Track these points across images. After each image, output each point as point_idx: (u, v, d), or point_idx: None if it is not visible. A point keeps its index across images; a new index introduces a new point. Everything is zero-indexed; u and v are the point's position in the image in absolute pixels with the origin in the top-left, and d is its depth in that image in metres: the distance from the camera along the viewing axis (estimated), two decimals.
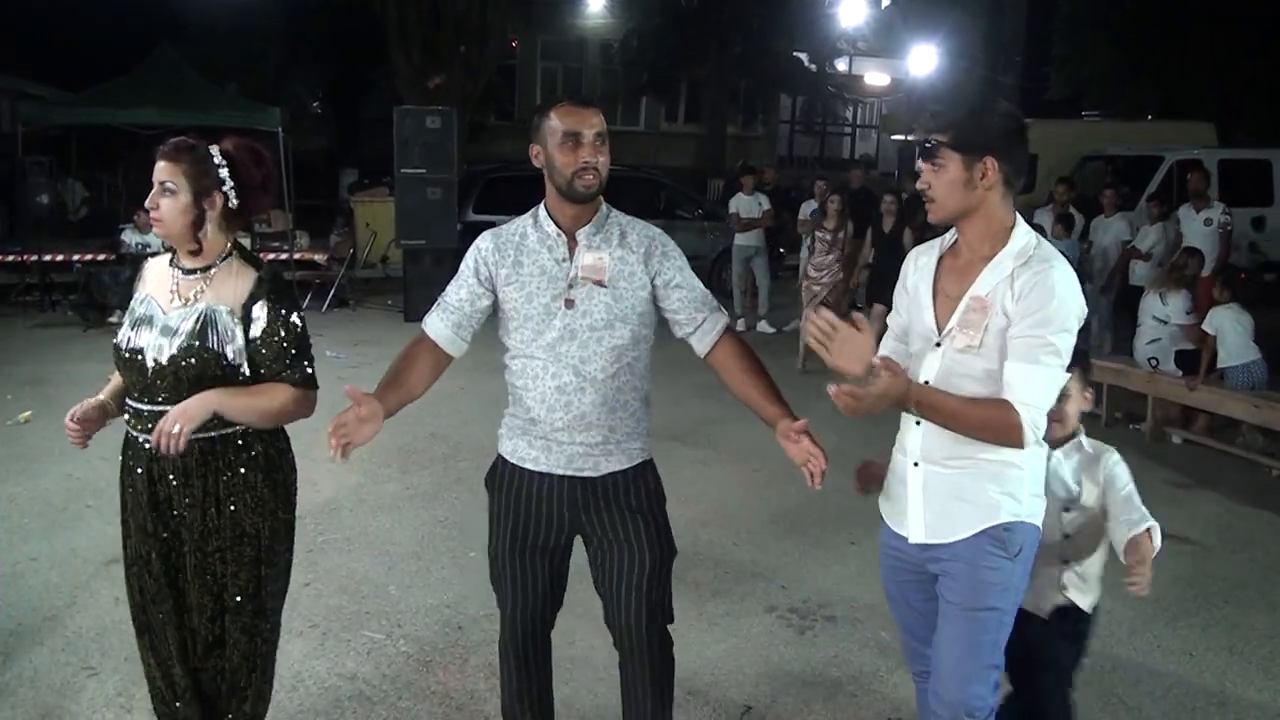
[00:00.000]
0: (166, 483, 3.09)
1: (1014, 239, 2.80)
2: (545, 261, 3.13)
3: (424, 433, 7.90)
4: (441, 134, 13.04)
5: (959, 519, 2.85)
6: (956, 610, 2.87)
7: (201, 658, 3.21)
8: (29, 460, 6.62)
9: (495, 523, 3.28)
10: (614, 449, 3.18)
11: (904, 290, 3.06)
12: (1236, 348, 7.92)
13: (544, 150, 3.09)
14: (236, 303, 3.07)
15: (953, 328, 2.82)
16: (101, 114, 14.02)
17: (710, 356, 3.26)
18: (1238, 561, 6.00)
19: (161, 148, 3.06)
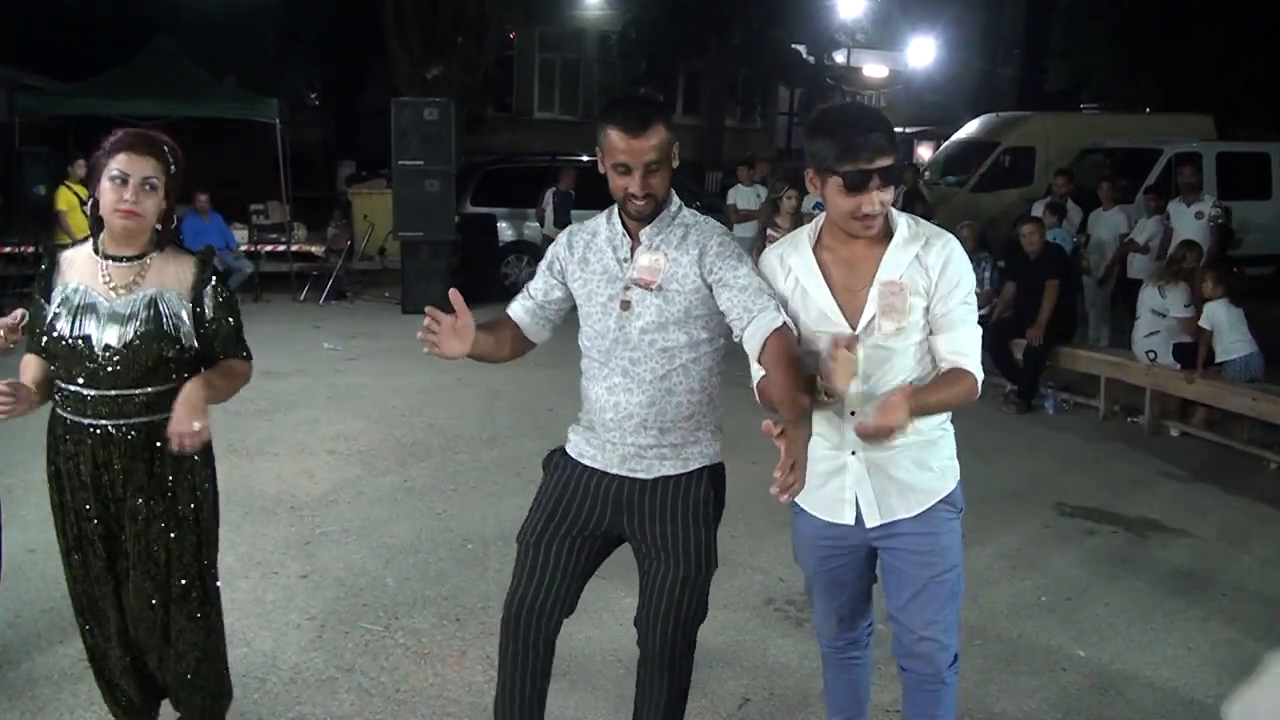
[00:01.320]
0: (111, 468, 3.13)
1: (897, 223, 2.94)
2: (609, 261, 3.15)
3: (422, 425, 7.89)
4: (439, 126, 13.01)
5: (914, 494, 3.01)
6: (923, 581, 3.04)
7: (144, 640, 3.26)
8: (26, 452, 6.60)
9: (538, 503, 3.27)
10: (668, 452, 3.16)
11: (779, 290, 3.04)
12: (1233, 341, 7.93)
13: (602, 162, 3.07)
14: (184, 286, 3.14)
15: (874, 316, 2.90)
16: (99, 105, 13.97)
17: (761, 356, 2.97)
18: (1236, 555, 6.00)
19: (133, 141, 3.05)
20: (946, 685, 3.13)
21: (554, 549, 3.17)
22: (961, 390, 2.88)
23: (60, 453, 3.18)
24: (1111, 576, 5.59)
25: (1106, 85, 24.60)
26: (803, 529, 3.22)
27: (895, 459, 2.97)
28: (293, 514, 6.03)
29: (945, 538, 3.03)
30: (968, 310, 2.93)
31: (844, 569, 3.19)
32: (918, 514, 3.01)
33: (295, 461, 6.98)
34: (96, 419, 3.09)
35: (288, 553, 5.49)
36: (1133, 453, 7.91)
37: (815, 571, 3.25)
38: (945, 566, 3.03)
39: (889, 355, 2.92)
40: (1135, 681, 4.48)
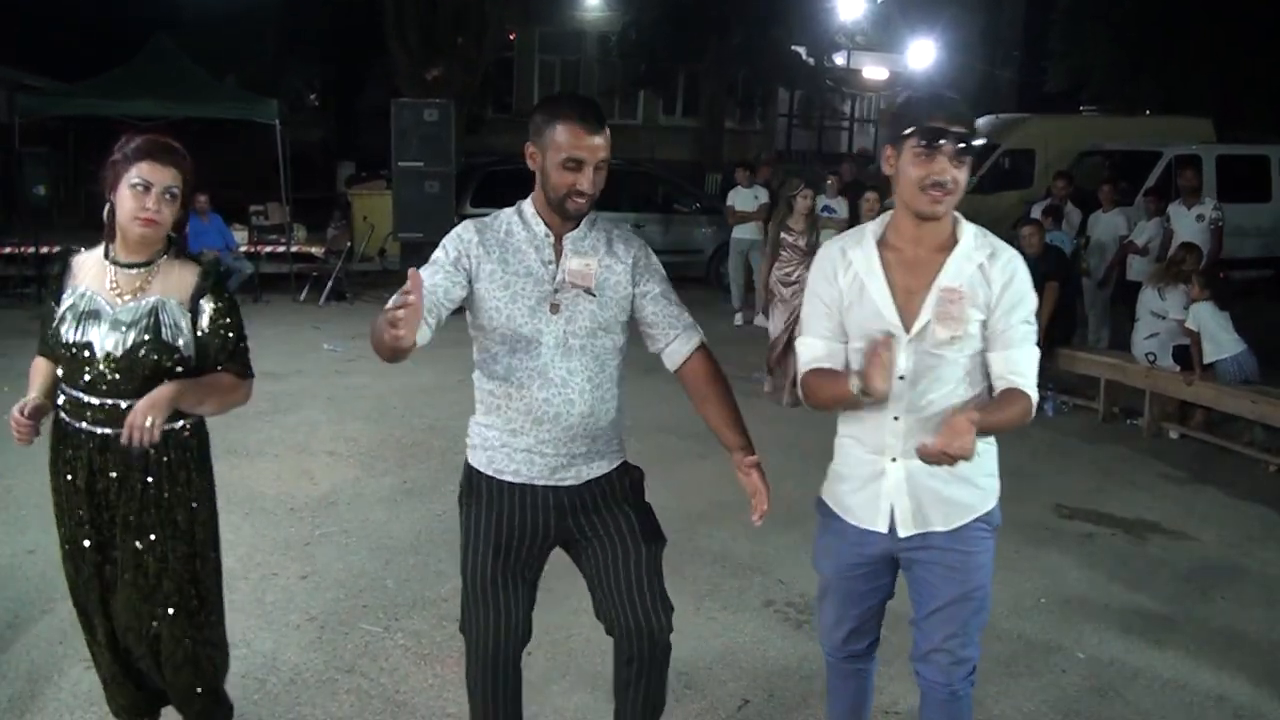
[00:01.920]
0: (106, 475, 3.13)
1: (964, 231, 2.89)
2: (532, 262, 3.02)
3: (421, 426, 7.90)
4: (439, 126, 13.01)
5: (953, 508, 2.93)
6: (951, 598, 2.97)
7: (133, 649, 3.27)
8: (26, 453, 6.57)
9: (474, 542, 3.13)
10: (595, 457, 3.14)
11: (833, 285, 2.98)
12: (1221, 341, 7.94)
13: (541, 159, 2.98)
14: (184, 295, 3.14)
15: (929, 321, 2.83)
16: (98, 105, 13.97)
17: (681, 371, 3.19)
18: (1235, 556, 6.01)
19: (156, 149, 3.04)
20: (959, 698, 3.06)
21: (507, 581, 3.10)
22: (1018, 412, 2.81)
23: (61, 456, 3.19)
24: (1111, 578, 5.60)
25: (1106, 87, 24.59)
26: (828, 533, 3.16)
27: (937, 470, 2.83)
28: (292, 515, 6.03)
29: (979, 556, 2.97)
30: (1028, 330, 2.86)
31: (865, 578, 3.12)
32: (953, 529, 2.93)
33: (295, 462, 6.98)
34: (95, 425, 3.10)
35: (287, 554, 5.49)
36: (1132, 455, 7.91)
37: (834, 578, 3.18)
38: (975, 585, 2.97)
39: (938, 363, 2.85)
40: (1135, 683, 4.48)
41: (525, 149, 3.04)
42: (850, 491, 3.06)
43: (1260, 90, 22.65)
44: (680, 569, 5.41)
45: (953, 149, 2.72)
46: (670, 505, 6.20)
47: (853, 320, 2.95)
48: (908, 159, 2.78)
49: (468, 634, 3.15)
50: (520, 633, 3.13)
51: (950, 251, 2.86)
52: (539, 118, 3.01)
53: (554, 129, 2.94)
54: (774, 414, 8.48)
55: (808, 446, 7.57)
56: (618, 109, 28.19)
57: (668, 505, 6.07)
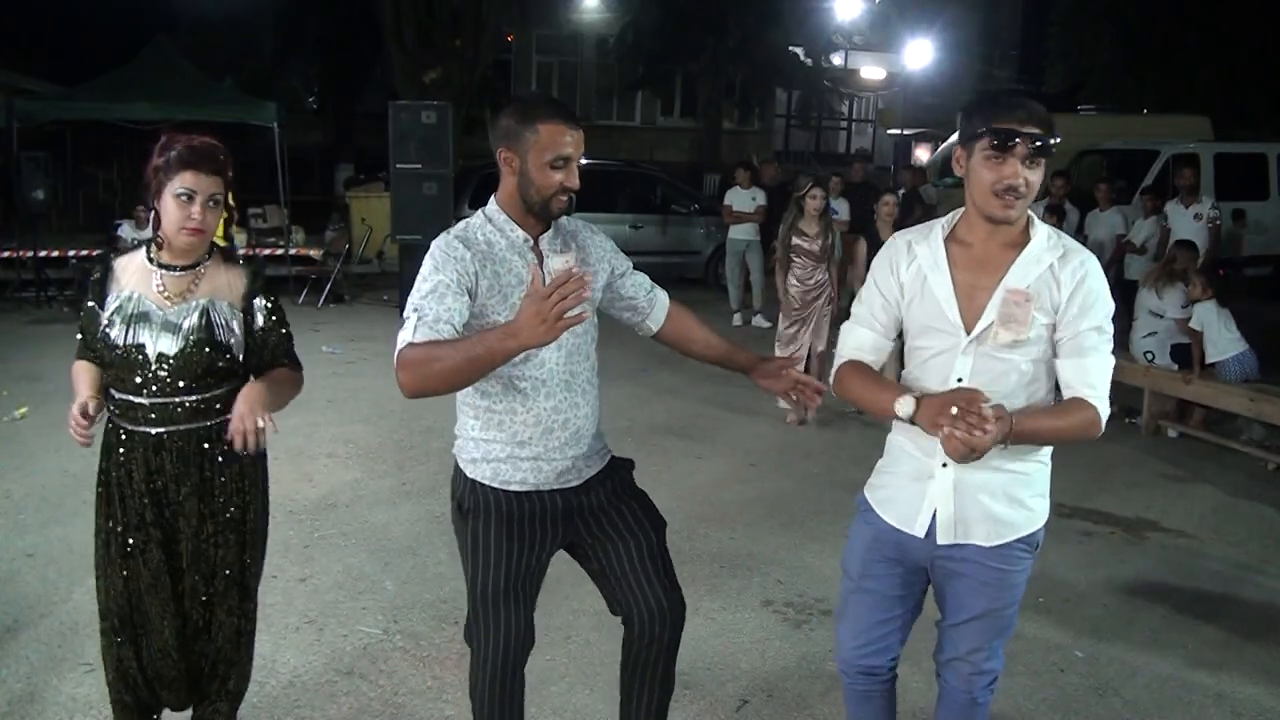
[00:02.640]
0: (165, 473, 3.17)
1: (1037, 230, 2.80)
2: (520, 270, 2.96)
3: (420, 428, 7.89)
4: (437, 129, 12.99)
5: (997, 524, 2.84)
6: (980, 611, 2.91)
7: (192, 642, 3.30)
8: (25, 456, 6.62)
9: (482, 556, 3.05)
10: (593, 455, 3.16)
11: (893, 279, 2.91)
12: (1224, 341, 7.95)
13: (519, 161, 2.91)
14: (235, 296, 3.20)
15: (992, 322, 2.74)
16: (96, 109, 13.97)
17: (665, 329, 3.30)
18: (1233, 554, 6.01)
19: (198, 157, 3.03)
20: (978, 705, 3.02)
21: (518, 595, 3.06)
22: (1079, 422, 2.72)
23: (113, 461, 3.21)
24: (1109, 577, 5.60)
25: (1104, 86, 24.62)
26: (864, 530, 3.04)
27: (988, 482, 2.79)
28: (291, 517, 6.03)
29: (1015, 575, 2.88)
30: (1101, 338, 2.76)
31: (892, 582, 3.00)
32: (993, 546, 2.84)
33: (294, 465, 6.97)
34: (149, 426, 3.13)
35: (286, 556, 5.49)
36: (1131, 453, 7.91)
37: (860, 578, 3.05)
38: (1006, 602, 2.90)
39: (999, 366, 2.75)
40: (1133, 682, 4.49)
41: (497, 154, 2.96)
42: (894, 490, 2.97)
43: (1258, 88, 22.67)
44: (678, 569, 5.38)
45: (1026, 151, 2.65)
46: (669, 505, 6.20)
47: (914, 315, 2.88)
48: (979, 161, 2.70)
49: (475, 645, 3.10)
50: (528, 642, 3.12)
51: (1020, 251, 2.77)
52: (509, 121, 2.94)
53: (534, 130, 2.88)
54: (776, 417, 8.48)
55: (809, 447, 7.59)
56: (615, 110, 28.26)
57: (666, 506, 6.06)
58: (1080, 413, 2.72)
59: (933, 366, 2.84)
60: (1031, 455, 2.83)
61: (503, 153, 2.95)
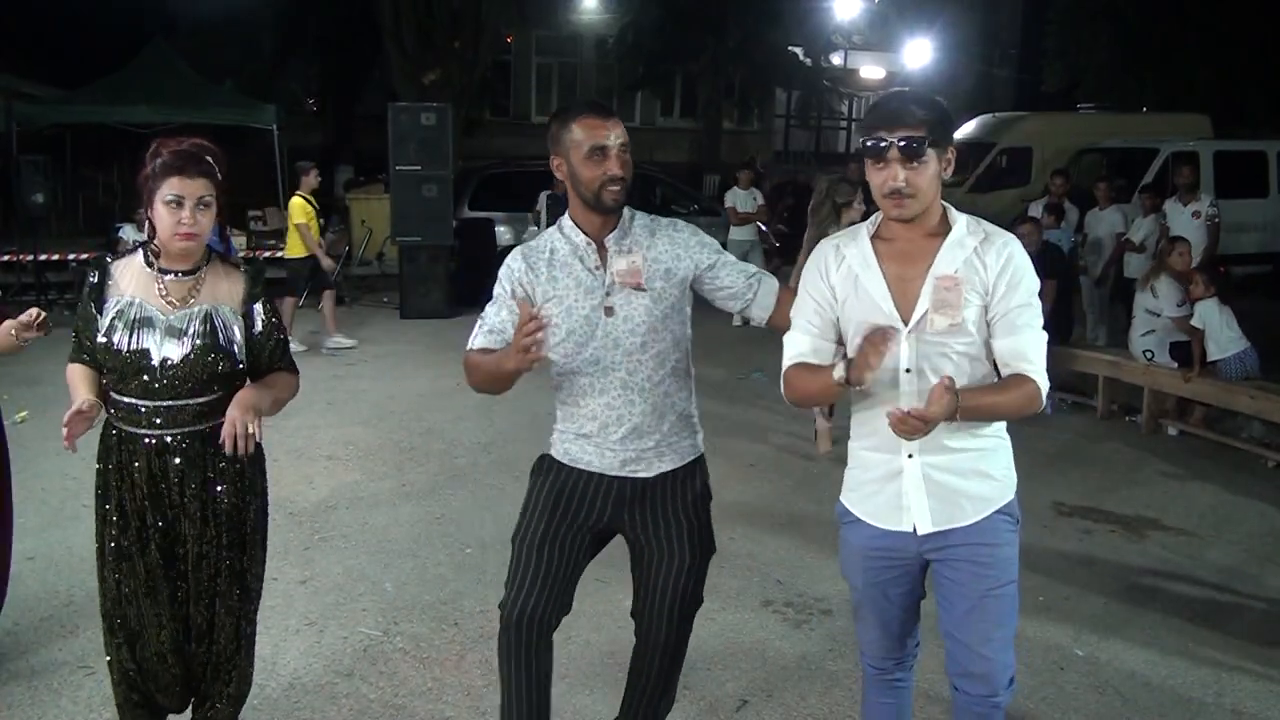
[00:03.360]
0: (169, 476, 3.18)
1: (956, 219, 2.88)
2: (579, 272, 3.12)
3: (420, 429, 7.90)
4: (436, 130, 13.02)
5: (972, 502, 2.88)
6: (979, 594, 2.91)
7: (194, 645, 3.31)
8: (25, 460, 6.62)
9: (529, 506, 3.25)
10: (666, 450, 3.22)
11: (825, 282, 2.97)
12: (1225, 339, 7.95)
13: (567, 163, 3.09)
14: (234, 301, 3.22)
15: (926, 311, 2.81)
16: (96, 112, 14.01)
17: (776, 316, 3.27)
18: (1233, 551, 6.01)
19: (184, 161, 3.05)
20: (999, 709, 3.00)
21: (553, 552, 3.16)
22: (1019, 397, 2.78)
23: (113, 463, 3.22)
24: (1109, 575, 5.60)
25: (1103, 84, 24.62)
26: (852, 539, 3.07)
27: (954, 464, 2.86)
28: (291, 519, 6.04)
29: (1004, 549, 2.91)
30: (1030, 313, 2.81)
31: (895, 582, 3.03)
32: (974, 523, 2.88)
33: (294, 467, 6.98)
34: (152, 429, 3.15)
35: (286, 558, 5.50)
36: (1131, 452, 7.91)
37: (864, 586, 3.08)
38: (1003, 580, 2.91)
39: (942, 353, 2.82)
40: (1133, 680, 4.49)
41: (551, 163, 3.14)
42: (870, 493, 2.99)
43: (1258, 86, 22.66)
44: None
45: (898, 155, 2.72)
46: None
47: (849, 315, 2.92)
48: (867, 167, 2.82)
49: (505, 597, 3.18)
50: (550, 605, 3.16)
51: (943, 239, 2.85)
52: (553, 128, 3.13)
53: (570, 130, 3.07)
54: (775, 417, 8.48)
55: (809, 449, 7.59)
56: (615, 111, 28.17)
57: None
58: (1020, 387, 2.78)
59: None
60: (986, 432, 2.88)
61: (554, 160, 3.14)
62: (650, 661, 3.37)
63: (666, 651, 3.35)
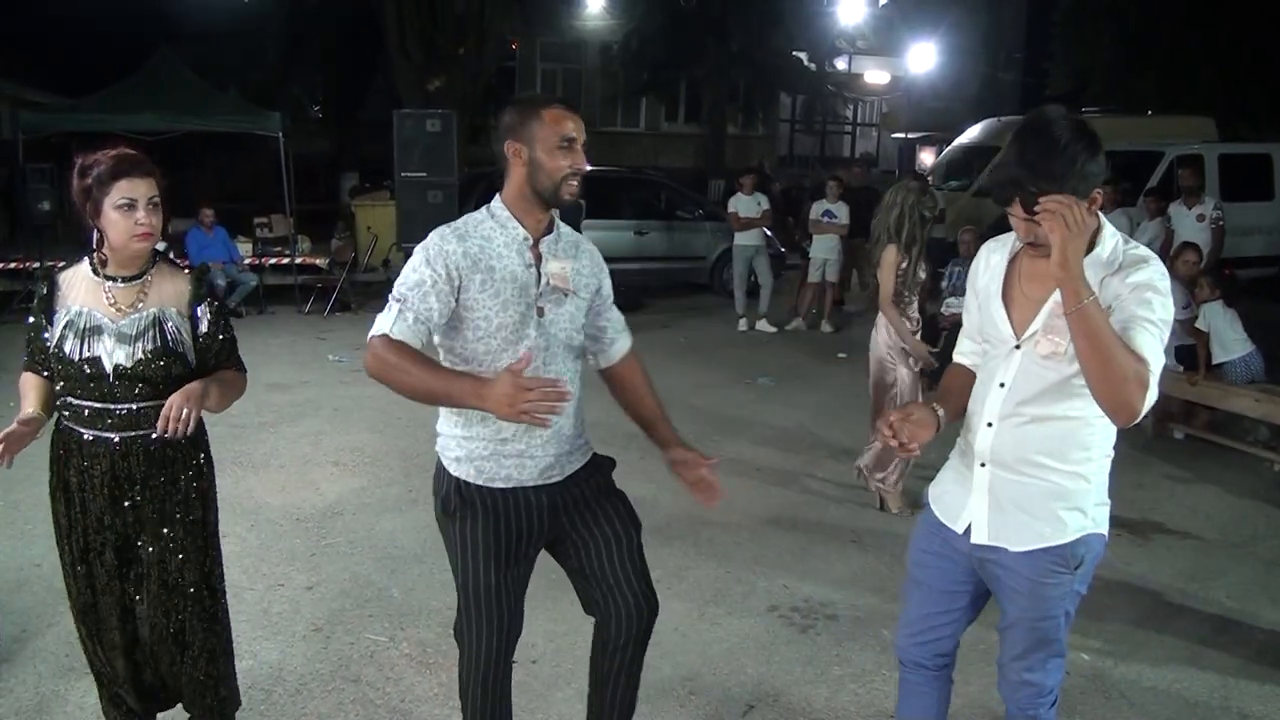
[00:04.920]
0: (130, 479, 3.22)
1: (1101, 243, 2.76)
2: (515, 267, 3.02)
3: (425, 435, 7.85)
4: (442, 136, 13.02)
5: (1023, 530, 2.87)
6: (1016, 619, 2.96)
7: (157, 648, 3.34)
8: (32, 467, 6.61)
9: (471, 552, 3.08)
10: (575, 451, 3.23)
11: (973, 289, 3.05)
12: (1231, 342, 7.95)
13: (528, 150, 2.99)
14: (180, 303, 3.25)
15: (1036, 332, 2.79)
16: (101, 120, 13.98)
17: (614, 369, 3.36)
18: (1240, 556, 6.01)
19: (128, 164, 3.11)
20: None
21: (505, 590, 3.12)
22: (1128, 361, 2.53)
23: (71, 466, 3.26)
24: (1115, 579, 5.59)
25: (1108, 87, 24.60)
26: (922, 525, 3.18)
27: (1021, 488, 2.84)
28: (298, 526, 6.05)
29: (1047, 589, 2.87)
30: (1151, 324, 2.60)
31: (941, 573, 3.09)
32: (1019, 551, 2.87)
33: (300, 474, 7.00)
34: (111, 431, 3.19)
35: (293, 564, 5.51)
36: (1136, 455, 7.90)
37: (914, 566, 3.19)
38: (1040, 615, 2.91)
39: (1042, 374, 2.78)
40: (1139, 684, 4.49)
41: (506, 149, 3.04)
42: (945, 487, 3.11)
43: (1260, 86, 22.63)
44: (684, 574, 5.42)
45: (1022, 214, 2.68)
46: (673, 512, 6.24)
47: (980, 321, 3.02)
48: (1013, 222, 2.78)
49: (465, 643, 3.16)
50: (513, 635, 3.19)
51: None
52: (513, 116, 3.04)
53: (538, 118, 3.00)
54: (780, 422, 8.49)
55: (815, 452, 7.59)
56: (620, 117, 28.28)
57: (671, 512, 6.09)
58: (1136, 359, 2.55)
59: (987, 368, 2.97)
60: (1064, 465, 2.82)
61: (510, 145, 3.03)
62: (620, 654, 3.31)
63: (639, 639, 3.31)
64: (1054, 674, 3.02)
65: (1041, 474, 2.83)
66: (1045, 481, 2.84)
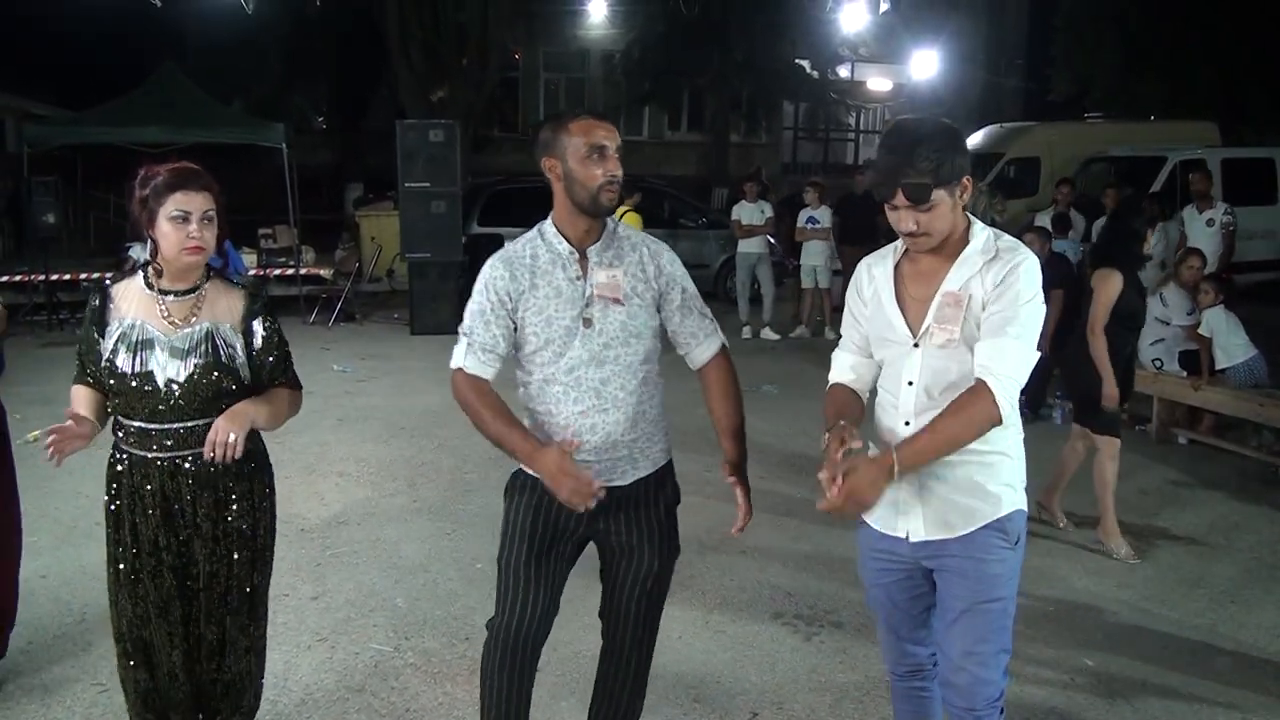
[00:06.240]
0: (182, 496, 3.21)
1: (974, 236, 2.90)
2: (560, 281, 3.11)
3: (431, 446, 7.92)
4: (445, 147, 13.07)
5: (962, 514, 2.91)
6: (964, 606, 2.94)
7: (205, 663, 3.33)
8: (39, 479, 6.65)
9: (510, 531, 3.24)
10: (639, 457, 3.24)
11: (860, 301, 3.10)
12: (1233, 347, 7.95)
13: (562, 164, 3.07)
14: (234, 319, 3.25)
15: (929, 325, 2.87)
16: (106, 133, 14.08)
17: (700, 371, 3.36)
18: (1244, 561, 6.00)
19: (186, 177, 3.10)
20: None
21: (538, 572, 3.20)
22: (967, 419, 2.76)
23: (124, 487, 3.23)
24: (1119, 585, 5.60)
25: (1110, 93, 24.61)
26: (861, 540, 3.17)
27: (948, 477, 2.88)
28: (303, 536, 6.07)
29: (992, 565, 2.90)
30: (1014, 324, 2.76)
31: (897, 586, 3.10)
32: (962, 535, 2.91)
33: (306, 484, 7.01)
34: (162, 452, 3.17)
35: (298, 574, 5.52)
36: (1140, 460, 7.89)
37: (871, 586, 3.20)
38: (989, 595, 2.91)
39: (942, 364, 2.87)
40: (1144, 690, 4.48)
41: (543, 165, 3.12)
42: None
43: (1260, 86, 22.63)
44: (689, 582, 5.43)
45: (905, 201, 2.78)
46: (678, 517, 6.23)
47: (871, 331, 3.04)
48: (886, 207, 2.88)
49: (493, 620, 3.26)
50: (541, 622, 3.23)
51: (957, 257, 2.89)
52: (546, 132, 3.14)
53: (567, 131, 3.08)
54: (784, 431, 8.50)
55: (819, 459, 7.60)
56: (623, 125, 28.12)
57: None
58: (967, 404, 2.77)
59: (889, 373, 3.01)
60: (985, 446, 2.87)
61: (546, 162, 3.12)
62: (617, 661, 3.42)
63: (633, 650, 3.40)
64: (1003, 672, 3.01)
65: (966, 456, 2.86)
66: (972, 464, 2.88)
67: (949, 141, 2.78)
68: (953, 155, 2.76)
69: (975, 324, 2.82)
